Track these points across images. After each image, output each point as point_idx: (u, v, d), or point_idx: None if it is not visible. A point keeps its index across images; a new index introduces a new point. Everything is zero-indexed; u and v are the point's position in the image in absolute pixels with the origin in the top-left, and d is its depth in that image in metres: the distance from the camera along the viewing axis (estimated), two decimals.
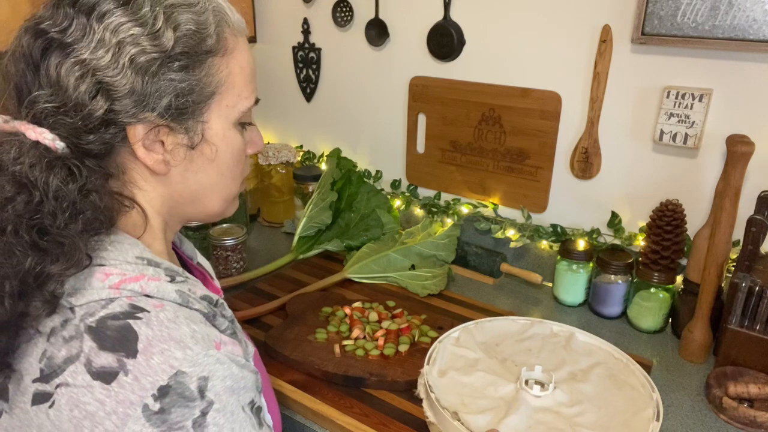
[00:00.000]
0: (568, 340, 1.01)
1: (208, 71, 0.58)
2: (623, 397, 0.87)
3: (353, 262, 1.36)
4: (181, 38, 0.55)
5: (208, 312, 0.58)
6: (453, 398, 0.87)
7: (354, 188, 1.50)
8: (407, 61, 1.52)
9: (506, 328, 1.05)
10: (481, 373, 0.92)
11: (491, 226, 1.44)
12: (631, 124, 1.25)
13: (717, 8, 1.07)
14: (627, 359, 0.95)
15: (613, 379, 0.92)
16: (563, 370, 0.93)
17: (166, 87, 0.55)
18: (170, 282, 0.57)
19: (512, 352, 0.99)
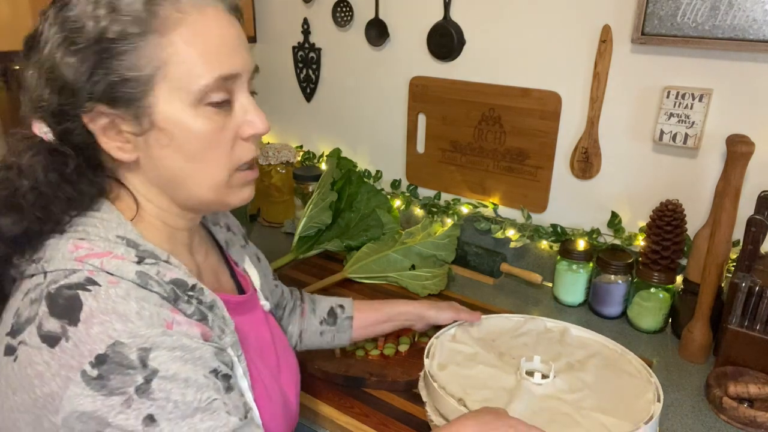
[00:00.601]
0: (562, 335, 1.01)
1: (141, 53, 0.56)
2: (623, 383, 0.88)
3: (353, 262, 1.36)
4: (106, 26, 0.55)
5: (169, 296, 0.58)
6: (455, 389, 0.86)
7: (354, 188, 1.50)
8: (407, 61, 1.52)
9: (501, 325, 1.05)
10: (481, 366, 0.92)
11: (491, 226, 1.44)
12: (631, 124, 1.25)
13: (717, 8, 1.07)
14: (622, 350, 0.95)
15: (611, 368, 0.92)
16: (560, 362, 0.93)
17: (99, 75, 0.56)
18: (136, 263, 0.58)
19: (509, 347, 0.99)
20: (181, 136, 0.59)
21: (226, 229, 0.86)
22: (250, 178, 0.66)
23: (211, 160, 0.61)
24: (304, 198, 1.63)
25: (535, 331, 1.03)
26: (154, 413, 0.52)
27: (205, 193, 0.64)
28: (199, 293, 0.62)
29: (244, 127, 0.63)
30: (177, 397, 0.53)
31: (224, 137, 0.61)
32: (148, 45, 0.56)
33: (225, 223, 0.86)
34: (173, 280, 0.60)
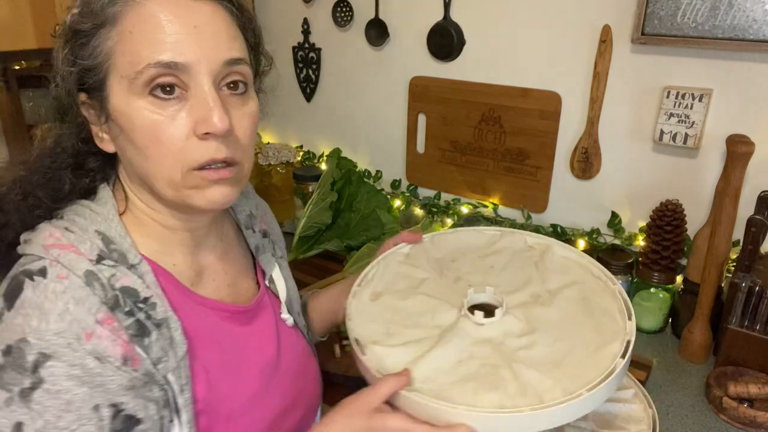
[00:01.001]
0: (542, 255, 0.84)
1: (97, 43, 0.57)
2: (590, 326, 0.71)
3: (353, 262, 1.36)
4: (76, 17, 0.58)
5: (109, 302, 0.56)
6: (377, 327, 0.72)
7: (354, 188, 1.50)
8: (407, 61, 1.52)
9: (470, 242, 0.88)
10: (422, 296, 0.77)
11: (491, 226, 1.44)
12: (631, 124, 1.25)
13: (717, 8, 1.07)
14: (608, 277, 0.79)
15: (585, 302, 0.75)
16: (525, 291, 0.77)
17: (73, 66, 0.58)
18: (94, 261, 0.58)
19: (469, 269, 0.82)
20: (127, 128, 0.58)
21: (262, 235, 0.82)
22: (213, 178, 0.59)
23: (158, 157, 0.58)
24: (304, 198, 1.63)
25: (511, 249, 0.86)
26: (25, 422, 0.51)
27: (164, 191, 0.60)
28: (150, 308, 0.59)
29: (199, 125, 0.57)
30: (50, 417, 0.52)
31: (172, 133, 0.57)
32: (101, 35, 0.57)
33: (262, 230, 0.83)
34: (124, 287, 0.58)
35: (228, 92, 0.60)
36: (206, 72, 0.57)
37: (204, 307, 0.68)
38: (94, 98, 0.60)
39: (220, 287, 0.72)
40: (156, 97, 0.56)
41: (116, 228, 0.61)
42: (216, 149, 0.58)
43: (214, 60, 0.57)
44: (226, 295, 0.72)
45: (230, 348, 0.68)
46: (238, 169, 0.62)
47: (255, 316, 0.75)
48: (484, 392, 0.62)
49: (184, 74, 0.56)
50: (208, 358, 0.65)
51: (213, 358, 0.66)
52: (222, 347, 0.67)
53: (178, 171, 0.58)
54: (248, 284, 0.77)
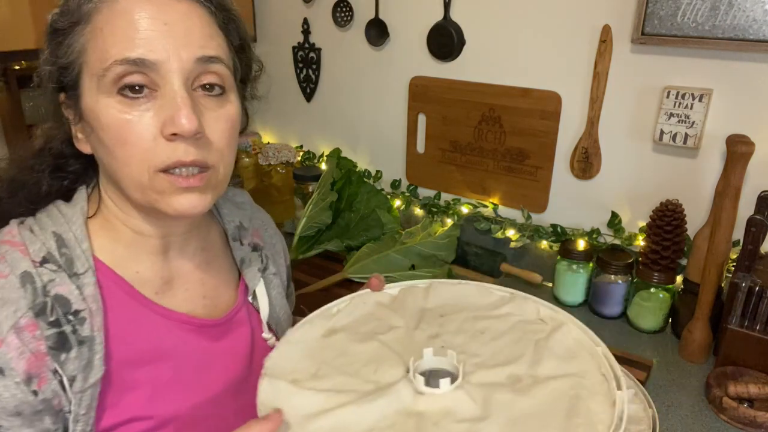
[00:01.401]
0: (551, 333, 0.68)
1: (71, 41, 0.57)
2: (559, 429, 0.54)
3: (353, 262, 1.36)
4: (56, 16, 0.58)
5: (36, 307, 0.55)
6: (307, 365, 0.62)
7: (354, 188, 1.50)
8: (407, 61, 1.52)
9: (471, 299, 0.75)
10: (377, 344, 0.66)
11: (491, 226, 1.44)
12: (631, 124, 1.25)
13: (717, 8, 1.07)
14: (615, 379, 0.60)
15: (573, 402, 0.58)
16: (506, 369, 0.62)
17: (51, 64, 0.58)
18: (37, 263, 0.57)
19: (455, 329, 0.69)
20: (96, 127, 0.56)
21: (251, 248, 0.77)
22: (181, 185, 0.57)
23: (125, 157, 0.56)
24: (304, 198, 1.63)
25: (516, 317, 0.72)
26: None
27: (132, 193, 0.58)
28: (79, 322, 0.56)
29: (166, 125, 0.55)
30: None
31: (139, 132, 0.55)
32: (75, 33, 0.57)
33: (252, 243, 0.78)
34: (58, 295, 0.56)
35: (202, 93, 0.58)
36: (176, 70, 0.55)
37: (164, 318, 0.65)
38: (70, 97, 0.59)
39: (193, 298, 0.69)
40: (124, 96, 0.55)
41: (76, 231, 0.60)
42: (184, 151, 0.56)
43: (186, 58, 0.55)
44: (199, 307, 0.69)
45: (189, 363, 0.65)
46: (211, 175, 0.59)
47: (227, 331, 0.71)
48: None
49: (153, 72, 0.54)
50: (160, 373, 0.63)
51: (165, 373, 0.63)
52: (178, 362, 0.64)
53: (145, 172, 0.56)
54: (229, 298, 0.73)
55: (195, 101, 0.56)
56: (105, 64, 0.54)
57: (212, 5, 0.59)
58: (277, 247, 0.85)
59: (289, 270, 0.90)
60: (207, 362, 0.67)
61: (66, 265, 0.58)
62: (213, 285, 0.72)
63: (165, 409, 0.63)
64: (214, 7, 0.59)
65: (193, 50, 0.56)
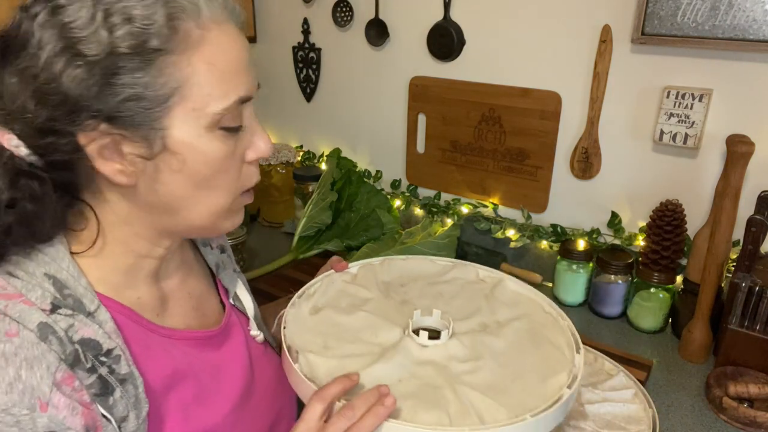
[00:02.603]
0: (493, 288, 0.84)
1: (159, 72, 0.50)
2: (538, 357, 0.71)
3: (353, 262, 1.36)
4: (121, 38, 0.49)
5: (68, 358, 0.50)
6: (314, 338, 0.70)
7: (354, 188, 1.50)
8: (407, 61, 1.52)
9: (421, 269, 0.88)
10: (364, 314, 0.75)
11: (491, 226, 1.44)
12: (631, 124, 1.25)
13: (717, 8, 1.07)
14: (558, 313, 0.79)
15: (533, 334, 0.75)
16: (473, 320, 0.76)
17: (107, 92, 0.50)
18: (48, 312, 0.51)
19: (418, 294, 0.82)
20: (193, 161, 0.55)
21: (220, 251, 0.78)
22: (247, 202, 0.63)
23: (219, 187, 0.58)
24: (304, 198, 1.63)
25: (462, 280, 0.86)
26: None
27: (202, 220, 0.59)
28: (114, 361, 0.54)
29: (250, 151, 0.59)
30: None
31: (234, 162, 0.58)
32: (166, 62, 0.51)
33: (219, 245, 0.79)
34: (84, 339, 0.52)
35: None
36: (251, 101, 0.59)
37: (172, 339, 0.64)
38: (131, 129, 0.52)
39: (187, 313, 0.68)
40: (226, 129, 0.56)
41: (68, 268, 0.54)
42: (257, 173, 0.62)
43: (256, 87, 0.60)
44: (193, 320, 0.69)
45: (207, 376, 0.65)
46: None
47: (226, 338, 0.71)
48: (424, 411, 0.60)
49: (244, 105, 0.57)
50: (185, 393, 0.62)
51: (189, 391, 0.63)
52: (199, 378, 0.64)
53: (230, 196, 0.59)
54: (213, 305, 0.74)
55: None
56: (219, 104, 0.54)
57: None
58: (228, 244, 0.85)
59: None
60: (217, 372, 0.67)
61: (77, 306, 0.53)
62: (198, 295, 0.72)
63: (201, 425, 0.63)
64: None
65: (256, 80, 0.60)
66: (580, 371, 0.67)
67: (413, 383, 0.65)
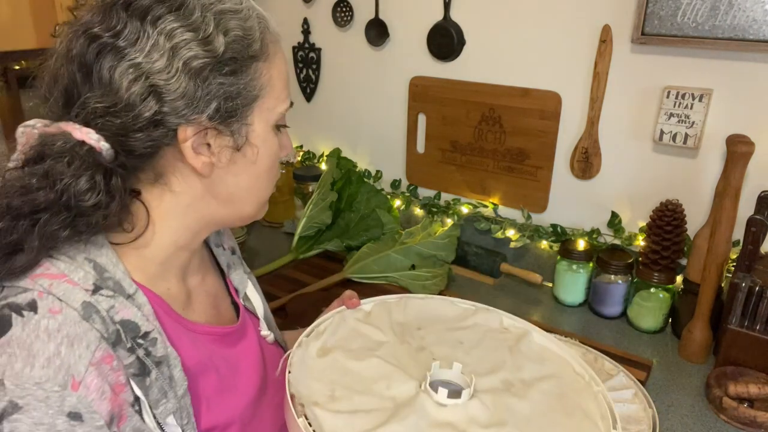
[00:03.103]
0: (518, 340, 0.76)
1: (253, 75, 0.60)
2: (568, 428, 0.62)
3: (353, 262, 1.36)
4: (231, 44, 0.57)
5: (110, 337, 0.53)
6: (320, 387, 0.64)
7: (354, 188, 1.50)
8: (407, 61, 1.52)
9: (440, 311, 0.81)
10: (377, 360, 0.69)
11: (491, 226, 1.45)
12: (631, 124, 1.25)
13: (717, 8, 1.07)
14: (591, 377, 0.70)
15: (563, 399, 0.66)
16: (496, 376, 0.68)
17: (215, 90, 0.57)
18: (90, 292, 0.53)
19: (436, 340, 0.75)
20: (263, 154, 0.64)
21: (231, 252, 0.81)
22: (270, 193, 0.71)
23: (271, 178, 0.68)
24: (304, 198, 1.63)
25: (484, 327, 0.79)
26: None
27: (251, 209, 0.68)
28: (151, 344, 0.56)
29: (282, 150, 0.68)
30: None
31: (278, 157, 0.68)
32: (257, 68, 0.60)
33: (230, 246, 0.81)
34: (124, 321, 0.54)
35: None
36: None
37: (195, 333, 0.66)
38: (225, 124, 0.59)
39: (207, 309, 0.71)
40: (278, 128, 0.66)
41: (107, 254, 0.57)
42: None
43: None
44: (212, 317, 0.71)
45: (226, 370, 0.68)
46: None
47: (242, 336, 0.74)
48: None
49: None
50: (208, 384, 0.64)
51: (211, 383, 0.65)
52: (219, 371, 0.66)
53: (271, 189, 0.69)
54: (227, 304, 0.76)
55: None
56: (285, 105, 0.65)
57: None
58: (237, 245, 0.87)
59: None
60: (236, 367, 0.70)
61: (117, 288, 0.56)
62: (214, 294, 0.74)
63: (222, 417, 0.65)
64: None
65: None
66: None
67: None
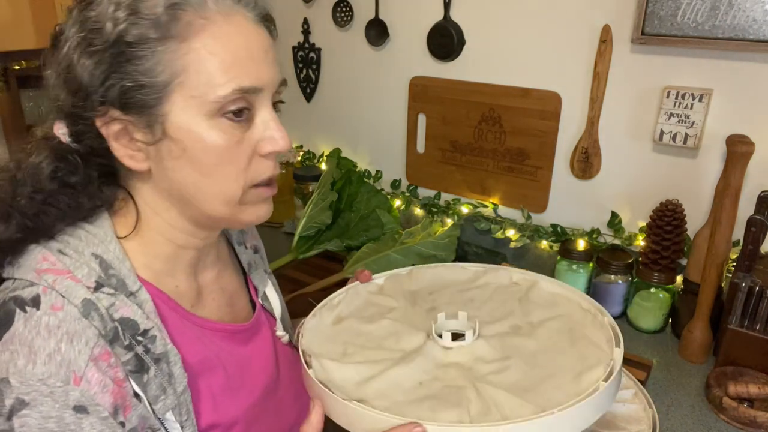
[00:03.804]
0: (528, 290, 0.79)
1: (158, 59, 0.53)
2: (573, 355, 0.66)
3: (353, 262, 1.36)
4: (125, 28, 0.52)
5: (108, 334, 0.54)
6: (332, 347, 0.68)
7: (354, 188, 1.50)
8: (407, 61, 1.52)
9: (451, 276, 0.84)
10: (387, 321, 0.72)
11: (491, 226, 1.45)
12: (631, 124, 1.25)
13: (717, 8, 1.07)
14: (597, 309, 0.74)
15: (570, 333, 0.70)
16: (504, 323, 0.72)
17: (114, 79, 0.53)
18: (92, 289, 0.54)
19: (447, 301, 0.78)
20: (194, 148, 0.56)
21: (253, 251, 0.80)
22: (266, 195, 0.63)
23: (224, 175, 0.58)
24: (304, 198, 1.63)
25: (494, 284, 0.82)
26: None
27: (217, 209, 0.60)
28: (150, 341, 0.56)
29: (264, 143, 0.59)
30: None
31: (241, 152, 0.58)
32: (166, 50, 0.53)
33: (253, 245, 0.81)
34: (123, 319, 0.55)
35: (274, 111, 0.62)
36: (270, 93, 0.60)
37: (204, 329, 0.66)
38: (136, 115, 0.55)
39: (220, 306, 0.70)
40: (229, 119, 0.56)
41: (114, 250, 0.58)
42: (274, 166, 0.62)
43: (275, 83, 0.60)
44: (225, 314, 0.71)
45: (234, 368, 0.67)
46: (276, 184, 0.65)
47: (254, 335, 0.73)
48: (442, 410, 0.57)
49: (254, 96, 0.57)
50: (214, 381, 0.64)
51: (218, 381, 0.65)
52: (226, 368, 0.66)
53: (240, 189, 0.59)
54: (244, 302, 0.76)
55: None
56: (219, 91, 0.54)
57: (273, 36, 0.63)
58: (262, 245, 0.87)
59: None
60: (246, 366, 0.69)
61: (119, 286, 0.56)
62: (230, 292, 0.74)
63: (226, 415, 0.65)
64: (274, 37, 0.63)
65: (278, 75, 0.60)
66: (619, 364, 0.62)
67: (435, 385, 0.62)
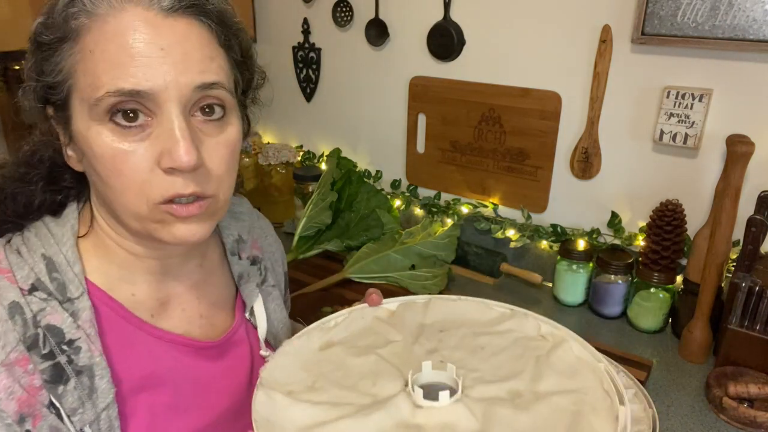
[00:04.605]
0: (551, 350, 0.67)
1: (58, 60, 0.51)
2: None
3: (353, 262, 1.36)
4: (38, 28, 0.52)
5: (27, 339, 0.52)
6: (304, 376, 0.61)
7: (354, 188, 1.50)
8: (407, 61, 1.52)
9: (471, 314, 0.74)
10: (375, 357, 0.64)
11: (491, 226, 1.44)
12: (631, 124, 1.25)
13: (717, 8, 1.07)
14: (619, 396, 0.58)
15: (574, 417, 0.57)
16: (504, 385, 0.60)
17: (38, 80, 0.53)
18: (25, 292, 0.54)
19: (453, 344, 0.68)
20: (89, 155, 0.52)
21: (250, 262, 0.75)
22: (180, 214, 0.53)
23: (121, 188, 0.52)
24: (304, 198, 1.63)
25: (517, 334, 0.70)
26: None
27: (129, 222, 0.55)
28: (74, 352, 0.54)
29: (164, 157, 0.51)
30: None
31: (135, 164, 0.51)
32: (62, 51, 0.51)
33: (251, 256, 0.75)
34: (50, 326, 0.53)
35: (202, 118, 0.54)
36: (174, 98, 0.51)
37: (162, 341, 0.62)
38: (59, 115, 0.55)
39: (190, 318, 0.66)
40: (117, 124, 0.50)
41: (67, 252, 0.57)
42: (182, 184, 0.52)
43: (184, 85, 0.51)
44: (196, 327, 0.67)
45: (188, 386, 0.63)
46: (210, 203, 0.55)
47: (225, 351, 0.68)
48: None
49: (148, 101, 0.50)
50: (157, 399, 0.61)
51: (162, 399, 0.61)
52: (178, 386, 0.62)
53: (143, 204, 0.53)
54: (225, 315, 0.71)
55: (193, 130, 0.53)
56: (97, 93, 0.49)
57: (212, 22, 0.54)
58: (276, 255, 0.83)
59: (286, 276, 0.88)
60: (206, 385, 0.65)
61: (58, 290, 0.55)
62: (209, 303, 0.69)
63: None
64: (215, 24, 0.54)
65: (192, 76, 0.51)
66: None
67: None
